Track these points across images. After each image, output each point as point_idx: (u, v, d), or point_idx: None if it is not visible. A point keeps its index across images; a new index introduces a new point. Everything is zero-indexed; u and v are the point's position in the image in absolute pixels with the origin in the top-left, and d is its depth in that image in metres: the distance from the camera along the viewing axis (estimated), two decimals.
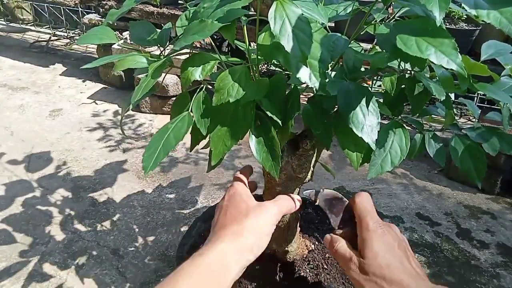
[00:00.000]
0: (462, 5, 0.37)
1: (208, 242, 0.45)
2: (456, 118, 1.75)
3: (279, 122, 0.48)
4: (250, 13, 0.53)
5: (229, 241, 0.44)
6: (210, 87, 0.53)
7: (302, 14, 0.42)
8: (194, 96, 0.52)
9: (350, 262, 0.48)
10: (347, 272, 0.48)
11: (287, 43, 0.40)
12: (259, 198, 0.82)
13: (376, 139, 0.46)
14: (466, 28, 1.65)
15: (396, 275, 0.44)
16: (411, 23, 0.42)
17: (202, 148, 0.61)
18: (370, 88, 0.49)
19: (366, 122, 0.46)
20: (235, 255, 0.43)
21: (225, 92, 0.47)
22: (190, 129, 0.50)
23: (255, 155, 0.49)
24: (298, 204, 0.55)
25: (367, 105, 0.47)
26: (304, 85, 0.52)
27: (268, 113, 0.48)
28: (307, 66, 0.42)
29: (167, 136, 0.47)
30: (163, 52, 0.57)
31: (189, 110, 0.51)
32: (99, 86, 2.50)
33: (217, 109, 0.49)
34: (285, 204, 0.53)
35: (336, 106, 0.51)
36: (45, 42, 3.11)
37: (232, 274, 0.42)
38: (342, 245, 0.51)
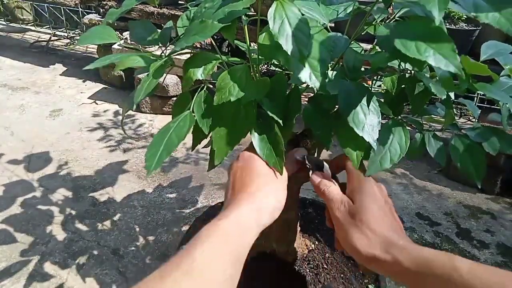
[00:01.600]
0: (462, 5, 0.37)
1: (226, 207, 0.44)
2: (456, 118, 1.75)
3: (280, 122, 0.48)
4: (251, 13, 0.53)
5: (247, 203, 0.43)
6: (211, 86, 0.54)
7: (302, 14, 0.42)
8: (195, 96, 0.52)
9: (340, 203, 0.47)
10: (333, 212, 0.48)
11: (286, 43, 0.41)
12: None
13: (377, 138, 0.46)
14: (466, 28, 1.65)
15: (381, 227, 0.44)
16: (411, 24, 0.42)
17: (203, 148, 0.61)
18: (370, 88, 0.49)
19: (367, 121, 0.46)
20: (254, 217, 0.43)
21: (226, 91, 0.47)
22: (192, 128, 0.50)
23: (258, 152, 0.49)
24: (300, 156, 0.55)
25: (368, 104, 0.47)
26: (304, 85, 0.52)
27: (269, 113, 0.48)
28: (305, 66, 0.43)
29: (169, 136, 0.46)
30: (164, 52, 0.57)
31: (191, 110, 0.51)
32: (99, 86, 2.50)
33: (218, 109, 0.49)
34: (292, 167, 0.53)
35: (337, 106, 0.51)
36: (45, 42, 3.11)
37: (250, 237, 0.42)
38: (334, 187, 0.50)
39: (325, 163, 0.55)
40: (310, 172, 0.53)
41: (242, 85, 0.48)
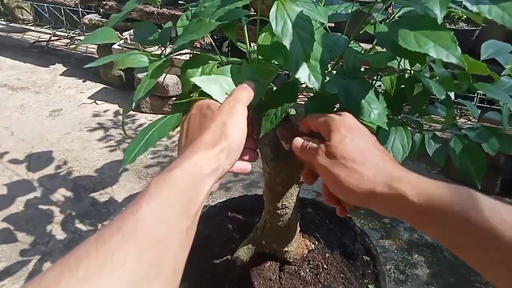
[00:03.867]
0: (463, 2, 0.37)
1: (178, 156, 0.39)
2: (456, 118, 1.75)
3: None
4: (251, 13, 0.53)
5: (202, 150, 0.38)
6: None
7: (302, 11, 0.42)
8: (193, 95, 0.52)
9: (316, 151, 0.42)
10: (312, 162, 0.42)
11: (289, 43, 0.41)
12: (259, 198, 0.82)
13: (386, 122, 0.46)
14: (466, 28, 1.65)
15: (371, 158, 0.39)
16: (410, 20, 0.42)
17: None
18: None
19: (372, 108, 0.46)
20: (210, 164, 0.37)
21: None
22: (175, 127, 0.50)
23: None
24: (251, 87, 0.46)
25: (367, 94, 0.47)
26: (304, 85, 0.52)
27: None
28: (309, 64, 0.42)
29: (151, 132, 0.47)
30: (164, 52, 0.57)
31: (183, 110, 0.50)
32: (99, 86, 2.50)
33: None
34: (245, 95, 0.45)
35: (338, 102, 0.51)
36: (45, 42, 3.11)
37: (206, 186, 0.37)
38: (311, 143, 0.44)
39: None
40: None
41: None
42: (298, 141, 0.46)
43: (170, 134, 1.89)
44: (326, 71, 0.44)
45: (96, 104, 2.29)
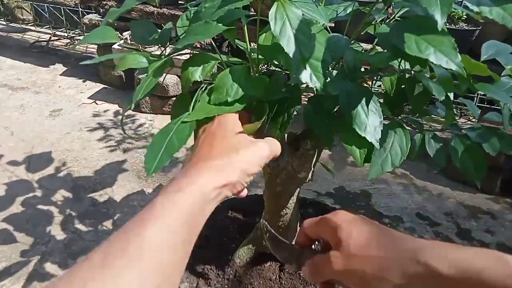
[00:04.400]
0: (464, 2, 0.37)
1: (186, 173, 0.39)
2: (456, 118, 1.75)
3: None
4: (251, 13, 0.53)
5: (211, 176, 0.38)
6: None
7: (303, 15, 0.42)
8: (195, 96, 0.52)
9: (328, 261, 0.38)
10: (330, 274, 0.38)
11: (287, 45, 0.41)
12: (259, 198, 0.82)
13: (379, 138, 0.46)
14: (466, 28, 1.65)
15: (382, 238, 0.36)
16: (411, 22, 0.42)
17: None
18: (370, 88, 0.49)
19: (369, 121, 0.46)
20: (215, 192, 0.38)
21: (224, 91, 0.47)
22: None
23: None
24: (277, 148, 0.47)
25: (367, 105, 0.47)
26: (304, 85, 0.52)
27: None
28: (306, 69, 0.42)
29: (169, 138, 0.45)
30: (164, 52, 0.57)
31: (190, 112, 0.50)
32: (99, 86, 2.50)
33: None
34: (276, 147, 0.46)
35: (337, 106, 0.51)
36: (45, 42, 3.11)
37: (209, 211, 0.37)
38: (316, 259, 0.41)
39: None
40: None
41: (240, 85, 0.47)
42: (305, 269, 0.42)
43: None
44: (327, 72, 0.44)
45: (96, 104, 2.29)
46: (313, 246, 0.45)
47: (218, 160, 0.40)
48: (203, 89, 0.54)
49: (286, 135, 0.54)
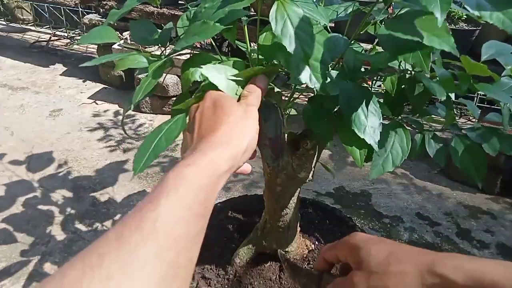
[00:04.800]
0: (464, 6, 0.37)
1: (195, 149, 0.38)
2: (456, 118, 1.75)
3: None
4: (251, 13, 0.53)
5: (221, 149, 0.38)
6: None
7: (303, 13, 0.42)
8: (193, 96, 0.52)
9: (351, 282, 0.39)
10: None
11: (289, 44, 0.41)
12: (259, 198, 0.82)
13: (378, 140, 0.46)
14: (466, 28, 1.65)
15: (399, 252, 0.38)
16: (407, 15, 0.42)
17: None
18: (370, 88, 0.49)
19: (368, 123, 0.46)
20: (226, 163, 0.38)
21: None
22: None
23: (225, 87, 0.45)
24: (263, 86, 0.46)
25: (367, 106, 0.47)
26: (304, 85, 0.52)
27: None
28: (309, 66, 0.42)
29: (159, 138, 0.46)
30: (164, 52, 0.57)
31: (186, 112, 0.50)
32: (100, 86, 2.50)
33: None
34: (258, 97, 0.45)
35: (337, 106, 0.51)
36: (45, 42, 3.11)
37: (221, 184, 0.37)
38: (336, 283, 0.42)
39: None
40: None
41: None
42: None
43: None
44: (327, 72, 0.44)
45: (96, 104, 2.29)
46: (331, 271, 0.46)
47: (222, 132, 0.39)
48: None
49: (286, 135, 0.54)
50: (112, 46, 2.20)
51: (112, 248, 0.27)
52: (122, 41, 2.15)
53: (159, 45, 0.58)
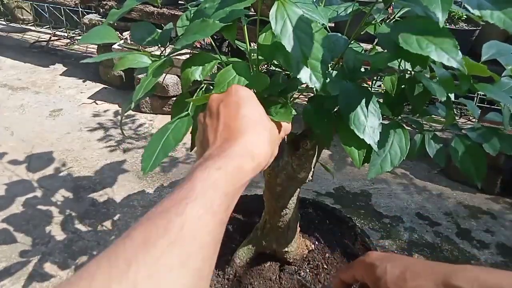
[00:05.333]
0: (465, 5, 0.37)
1: (222, 149, 0.38)
2: (456, 118, 1.75)
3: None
4: (251, 13, 0.53)
5: (248, 157, 0.38)
6: (211, 87, 0.54)
7: (303, 14, 0.42)
8: (194, 96, 0.52)
9: None
10: None
11: (288, 44, 0.41)
12: (259, 198, 0.82)
13: (378, 140, 0.46)
14: (466, 28, 1.65)
15: (414, 266, 0.39)
16: (412, 22, 0.42)
17: None
18: (370, 88, 0.49)
19: (368, 123, 0.46)
20: (252, 174, 0.38)
21: (225, 85, 0.47)
22: (190, 129, 0.50)
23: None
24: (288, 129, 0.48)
25: (367, 106, 0.47)
26: (304, 85, 0.52)
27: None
28: (307, 67, 0.42)
29: (166, 137, 0.46)
30: (163, 52, 0.57)
31: (189, 111, 0.50)
32: (99, 86, 2.50)
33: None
34: (283, 133, 0.47)
35: (337, 106, 0.51)
36: (45, 42, 3.11)
37: (243, 189, 0.37)
38: None
39: None
40: None
41: (244, 78, 0.47)
42: None
43: None
44: (327, 72, 0.44)
45: (96, 104, 2.29)
46: None
47: (250, 138, 0.39)
48: (203, 89, 0.54)
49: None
50: (112, 46, 2.20)
51: (139, 253, 0.27)
52: (122, 41, 2.15)
53: (159, 45, 0.58)
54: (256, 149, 0.39)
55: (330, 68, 0.51)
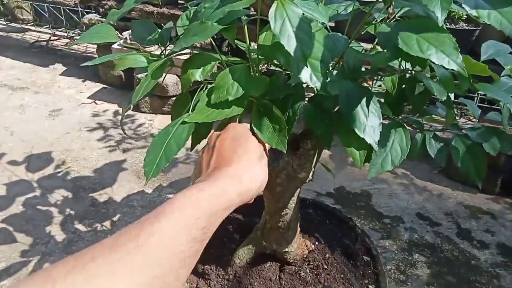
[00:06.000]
0: (463, 5, 0.37)
1: (210, 175, 0.40)
2: (456, 118, 1.75)
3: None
4: (251, 13, 0.53)
5: (235, 183, 0.39)
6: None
7: (303, 14, 0.42)
8: (195, 97, 0.52)
9: None
10: None
11: (288, 43, 0.40)
12: (259, 198, 0.82)
13: (378, 140, 0.46)
14: (466, 28, 1.65)
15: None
16: (412, 23, 0.42)
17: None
18: (370, 88, 0.49)
19: (368, 123, 0.46)
20: (237, 199, 0.39)
21: (225, 90, 0.47)
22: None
23: (260, 136, 0.47)
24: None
25: (368, 106, 0.47)
26: (304, 85, 0.52)
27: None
28: (307, 66, 0.42)
29: (168, 142, 0.46)
30: (163, 52, 0.57)
31: (190, 112, 0.50)
32: (99, 86, 2.49)
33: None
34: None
35: (337, 106, 0.51)
36: (45, 42, 3.11)
37: (224, 216, 0.38)
38: None
39: None
40: None
41: (241, 84, 0.47)
42: None
43: None
44: (327, 71, 0.43)
45: (96, 104, 2.29)
46: None
47: (239, 166, 0.41)
48: (203, 89, 0.53)
49: None
50: (112, 46, 2.19)
51: (105, 252, 0.28)
52: (121, 41, 2.15)
53: (159, 44, 0.58)
54: (246, 173, 0.41)
55: (330, 68, 0.51)
